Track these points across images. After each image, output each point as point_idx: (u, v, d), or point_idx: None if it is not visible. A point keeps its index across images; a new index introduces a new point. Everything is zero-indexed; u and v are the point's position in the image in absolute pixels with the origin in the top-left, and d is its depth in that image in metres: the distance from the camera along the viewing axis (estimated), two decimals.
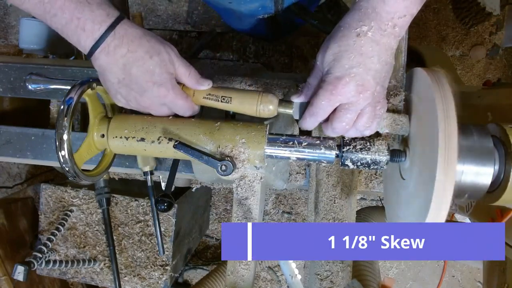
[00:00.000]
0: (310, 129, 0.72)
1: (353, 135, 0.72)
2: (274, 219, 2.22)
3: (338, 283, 0.97)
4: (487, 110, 1.07)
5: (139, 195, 1.47)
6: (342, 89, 0.64)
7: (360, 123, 0.68)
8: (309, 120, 0.70)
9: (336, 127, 0.68)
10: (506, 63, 2.14)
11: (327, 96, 0.65)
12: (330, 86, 0.65)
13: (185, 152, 0.71)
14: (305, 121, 0.71)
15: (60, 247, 1.49)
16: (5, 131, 1.15)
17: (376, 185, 1.06)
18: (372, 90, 0.65)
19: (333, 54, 0.65)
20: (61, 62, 1.22)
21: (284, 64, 1.40)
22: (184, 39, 1.46)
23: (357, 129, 0.70)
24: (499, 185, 0.70)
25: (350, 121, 0.68)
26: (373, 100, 0.66)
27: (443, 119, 0.61)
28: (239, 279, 0.77)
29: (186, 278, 2.29)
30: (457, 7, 2.10)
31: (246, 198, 0.77)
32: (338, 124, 0.68)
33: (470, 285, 2.28)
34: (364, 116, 0.68)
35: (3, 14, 2.48)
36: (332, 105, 0.67)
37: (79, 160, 0.76)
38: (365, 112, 0.67)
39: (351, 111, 0.66)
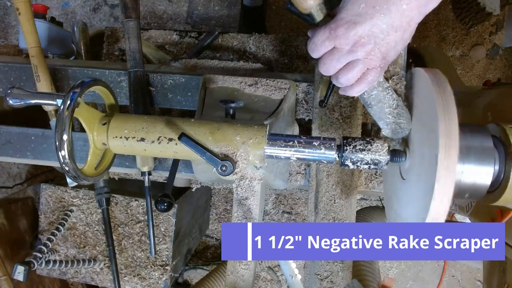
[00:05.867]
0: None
1: (334, 82, 0.70)
2: (274, 219, 2.22)
3: (338, 283, 0.97)
4: (487, 110, 1.07)
5: (139, 195, 1.47)
6: (342, 32, 0.63)
7: (344, 74, 0.67)
8: (309, 50, 0.69)
9: (322, 65, 0.67)
10: (506, 63, 2.14)
11: (326, 33, 0.65)
12: (333, 24, 0.64)
13: (188, 146, 0.70)
14: (308, 48, 0.69)
15: (60, 247, 1.49)
16: (5, 131, 1.15)
17: (376, 185, 1.06)
18: (371, 47, 0.64)
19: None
20: (61, 62, 1.22)
21: (284, 64, 1.40)
22: (184, 39, 1.46)
23: (338, 79, 0.68)
24: (499, 185, 0.70)
25: (335, 66, 0.66)
26: (367, 58, 0.65)
27: (443, 119, 0.61)
28: (239, 279, 0.77)
29: (186, 278, 2.29)
30: (457, 7, 2.10)
31: (246, 198, 0.77)
32: (323, 63, 0.67)
33: (470, 285, 2.28)
34: (352, 70, 0.66)
35: (3, 14, 2.48)
36: (326, 46, 0.65)
37: (90, 170, 0.79)
38: (355, 66, 0.66)
39: (341, 58, 0.65)
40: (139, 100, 1.08)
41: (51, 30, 1.35)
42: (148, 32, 1.46)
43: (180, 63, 1.18)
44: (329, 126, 1.00)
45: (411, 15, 0.62)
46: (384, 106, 0.73)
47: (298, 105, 1.09)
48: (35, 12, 1.24)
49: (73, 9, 2.46)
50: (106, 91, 0.90)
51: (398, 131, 0.74)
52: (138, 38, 1.09)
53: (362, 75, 0.67)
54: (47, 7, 1.37)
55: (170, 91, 1.12)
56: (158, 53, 1.35)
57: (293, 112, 1.06)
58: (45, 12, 1.35)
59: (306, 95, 1.08)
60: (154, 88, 1.13)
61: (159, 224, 1.46)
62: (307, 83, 1.07)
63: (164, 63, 1.29)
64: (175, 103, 1.13)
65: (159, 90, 1.13)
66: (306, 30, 0.72)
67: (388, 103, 0.73)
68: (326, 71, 0.68)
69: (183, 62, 1.17)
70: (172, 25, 2.35)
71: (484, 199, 0.72)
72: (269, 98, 0.98)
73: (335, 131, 1.00)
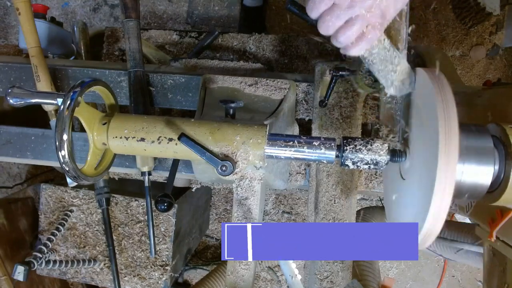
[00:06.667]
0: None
1: (334, 42, 0.69)
2: (274, 219, 2.22)
3: (338, 283, 0.97)
4: (487, 110, 1.07)
5: (139, 195, 1.47)
6: None
7: (343, 31, 0.66)
8: (308, 9, 0.68)
9: (322, 23, 0.66)
10: (506, 63, 2.14)
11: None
12: None
13: (188, 146, 0.70)
14: (307, 8, 0.68)
15: (60, 247, 1.49)
16: (5, 131, 1.15)
17: (376, 185, 1.06)
18: (370, 2, 0.63)
19: None
20: (61, 62, 1.22)
21: (284, 64, 1.40)
22: (184, 39, 1.46)
23: (337, 38, 0.67)
24: (499, 185, 0.70)
25: (335, 23, 0.66)
26: (367, 14, 0.64)
27: (443, 119, 0.61)
28: (239, 279, 0.77)
29: (186, 278, 2.29)
30: (457, 7, 2.10)
31: (246, 198, 0.77)
32: (323, 21, 0.66)
33: (470, 285, 2.28)
34: (351, 27, 0.65)
35: (3, 14, 2.48)
36: (326, 3, 0.65)
37: (90, 170, 0.78)
38: (354, 23, 0.65)
39: (341, 15, 0.64)
40: (139, 100, 1.08)
41: (51, 30, 1.35)
42: (148, 32, 1.47)
43: (180, 63, 1.18)
44: (329, 126, 1.00)
45: None
46: (387, 64, 0.72)
47: (298, 105, 1.09)
48: (35, 12, 1.24)
49: (73, 9, 2.46)
50: (106, 91, 0.90)
51: (401, 88, 0.73)
52: (138, 38, 1.09)
53: (362, 33, 0.67)
54: (47, 7, 1.37)
55: (170, 91, 1.12)
56: (158, 53, 1.35)
57: (293, 112, 1.06)
58: (45, 12, 1.35)
59: (306, 95, 1.08)
60: (154, 88, 1.13)
61: (159, 224, 1.46)
62: (307, 83, 1.07)
63: (164, 63, 1.29)
64: (175, 103, 1.13)
65: (159, 90, 1.13)
66: (306, 30, 0.72)
67: (390, 60, 0.72)
68: (325, 29, 0.67)
69: (183, 62, 1.17)
70: (172, 25, 2.34)
71: (484, 199, 0.72)
72: (269, 98, 0.98)
73: (335, 131, 1.00)
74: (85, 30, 1.41)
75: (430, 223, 0.62)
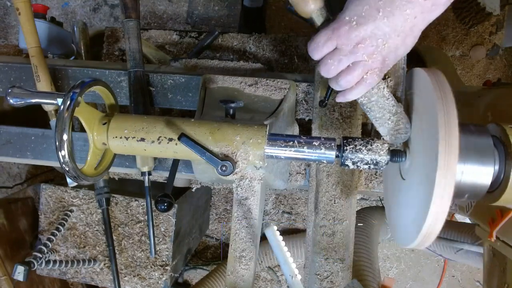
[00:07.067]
0: None
1: (333, 85, 0.70)
2: (274, 219, 2.22)
3: (338, 283, 0.97)
4: (487, 110, 1.07)
5: (139, 195, 1.47)
6: (344, 31, 0.63)
7: (344, 75, 0.67)
8: (310, 51, 0.69)
9: (323, 66, 0.67)
10: (506, 63, 2.14)
11: (328, 33, 0.64)
12: (336, 24, 0.64)
13: (188, 146, 0.70)
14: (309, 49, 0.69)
15: (60, 247, 1.49)
16: (5, 131, 1.15)
17: (376, 185, 1.06)
18: (372, 49, 0.63)
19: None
20: (61, 62, 1.22)
21: (284, 64, 1.40)
22: (184, 39, 1.46)
23: (338, 81, 0.68)
24: (499, 185, 0.70)
25: (337, 67, 0.66)
26: (368, 60, 0.65)
27: (443, 119, 0.61)
28: (239, 279, 0.77)
29: (186, 278, 2.29)
30: (457, 7, 2.10)
31: (246, 198, 0.77)
32: (325, 64, 0.67)
33: (470, 285, 2.28)
34: (353, 72, 0.66)
35: (3, 14, 2.48)
36: (328, 46, 0.65)
37: (90, 170, 0.78)
38: (356, 69, 0.66)
39: (343, 59, 0.65)
40: (139, 100, 1.08)
41: (51, 30, 1.35)
42: (148, 32, 1.46)
43: (180, 63, 1.18)
44: (329, 126, 1.00)
45: (414, 20, 0.62)
46: (385, 112, 0.73)
47: (298, 105, 1.09)
48: (35, 12, 1.24)
49: (73, 9, 2.46)
50: (106, 91, 0.90)
51: (397, 136, 0.74)
52: (138, 38, 1.09)
53: (361, 78, 0.67)
54: (47, 7, 1.37)
55: (170, 91, 1.12)
56: (158, 53, 1.35)
57: (293, 112, 1.06)
58: (45, 12, 1.35)
59: (306, 95, 1.08)
60: (154, 88, 1.13)
61: (159, 224, 1.46)
62: (307, 83, 1.07)
63: (164, 63, 1.29)
64: (175, 103, 1.13)
65: (159, 90, 1.13)
66: (306, 30, 0.72)
67: (388, 109, 0.73)
68: (326, 72, 0.68)
69: (183, 62, 1.17)
70: (172, 25, 2.34)
71: (484, 199, 0.72)
72: (269, 98, 0.98)
73: (335, 131, 1.00)
74: (85, 30, 1.41)
75: (430, 223, 0.62)
